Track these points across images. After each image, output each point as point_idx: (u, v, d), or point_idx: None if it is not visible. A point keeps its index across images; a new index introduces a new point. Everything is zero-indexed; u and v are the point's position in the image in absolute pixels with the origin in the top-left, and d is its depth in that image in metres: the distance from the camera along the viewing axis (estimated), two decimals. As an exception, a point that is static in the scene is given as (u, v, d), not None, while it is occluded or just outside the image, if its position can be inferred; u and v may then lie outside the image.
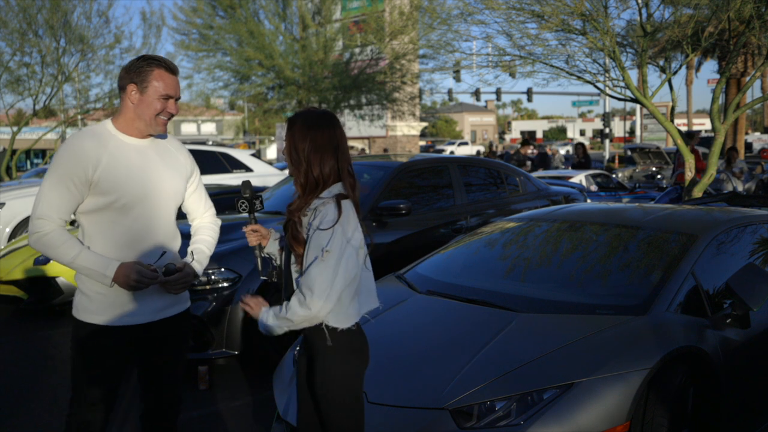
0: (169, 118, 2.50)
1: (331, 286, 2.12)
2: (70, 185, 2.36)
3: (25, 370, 4.89)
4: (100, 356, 2.46)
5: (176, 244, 2.59)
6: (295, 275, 2.26)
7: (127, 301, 2.44)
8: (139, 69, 2.42)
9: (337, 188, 2.24)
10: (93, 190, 2.38)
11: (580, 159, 15.27)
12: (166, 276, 2.43)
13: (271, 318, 2.21)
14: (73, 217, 2.47)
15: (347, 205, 2.21)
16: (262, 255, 2.51)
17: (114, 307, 2.43)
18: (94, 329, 2.44)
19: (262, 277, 2.54)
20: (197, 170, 2.71)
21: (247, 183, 2.55)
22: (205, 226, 2.73)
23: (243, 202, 2.52)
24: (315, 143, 2.22)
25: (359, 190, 2.32)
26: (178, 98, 2.51)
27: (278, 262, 2.51)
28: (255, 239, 2.48)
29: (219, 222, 2.78)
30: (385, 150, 30.01)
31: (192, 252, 2.61)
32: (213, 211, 2.78)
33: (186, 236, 2.69)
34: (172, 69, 2.47)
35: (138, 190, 2.43)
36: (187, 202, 2.68)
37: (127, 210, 2.42)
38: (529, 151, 16.54)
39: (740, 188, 11.16)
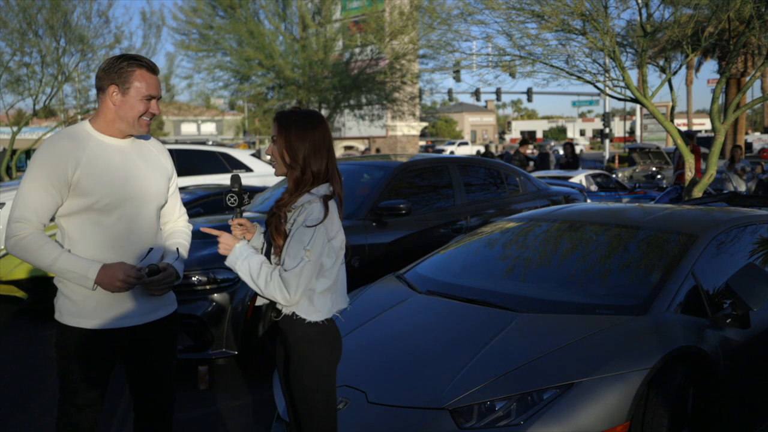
0: (151, 119, 2.46)
1: (308, 283, 2.25)
2: (49, 187, 2.30)
3: (25, 370, 4.88)
4: (88, 360, 2.41)
5: (159, 245, 2.56)
6: (273, 266, 2.31)
7: (115, 304, 2.40)
8: (119, 69, 2.36)
9: (323, 189, 2.32)
10: (73, 192, 2.33)
11: (568, 159, 15.33)
12: (149, 276, 2.39)
13: (245, 272, 2.28)
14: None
15: (333, 206, 2.30)
16: None
17: (101, 311, 2.39)
18: (82, 333, 2.39)
19: None
20: (175, 173, 2.68)
21: (236, 177, 2.56)
22: (180, 230, 2.68)
23: (231, 196, 2.53)
24: (314, 143, 2.30)
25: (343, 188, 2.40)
26: (159, 97, 2.47)
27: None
28: (240, 233, 2.49)
29: (191, 227, 2.75)
30: (377, 150, 30.03)
31: (178, 249, 2.59)
32: (186, 217, 2.74)
33: None
34: (153, 68, 2.42)
35: (120, 190, 2.39)
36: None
37: (109, 211, 2.37)
38: (529, 151, 16.54)
39: (743, 187, 11.16)
